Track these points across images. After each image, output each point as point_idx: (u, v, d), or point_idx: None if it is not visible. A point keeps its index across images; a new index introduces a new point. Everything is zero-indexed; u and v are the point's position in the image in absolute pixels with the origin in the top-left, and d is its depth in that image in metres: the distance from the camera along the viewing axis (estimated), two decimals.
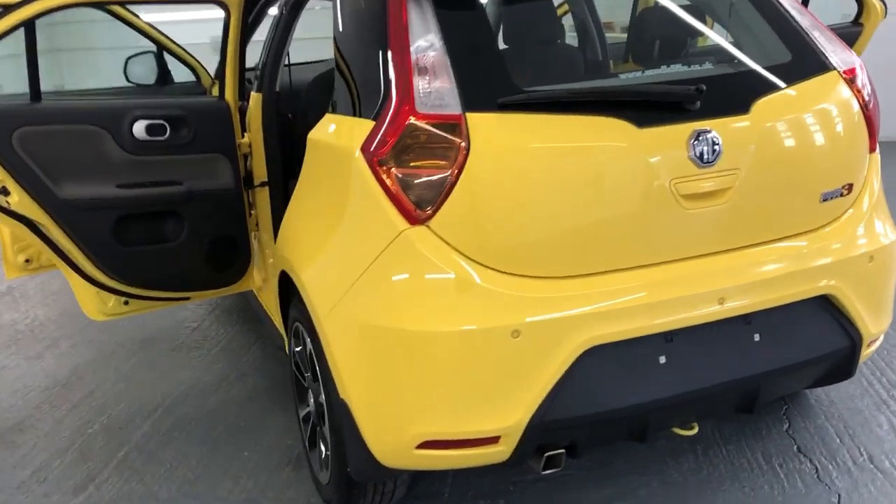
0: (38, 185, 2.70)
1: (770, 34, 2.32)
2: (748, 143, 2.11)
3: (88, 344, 3.91)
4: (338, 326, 2.10)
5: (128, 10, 3.76)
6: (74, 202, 2.76)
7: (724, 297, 2.10)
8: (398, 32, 2.06)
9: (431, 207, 1.95)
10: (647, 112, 2.04)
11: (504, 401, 1.98)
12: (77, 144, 2.76)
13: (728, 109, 2.11)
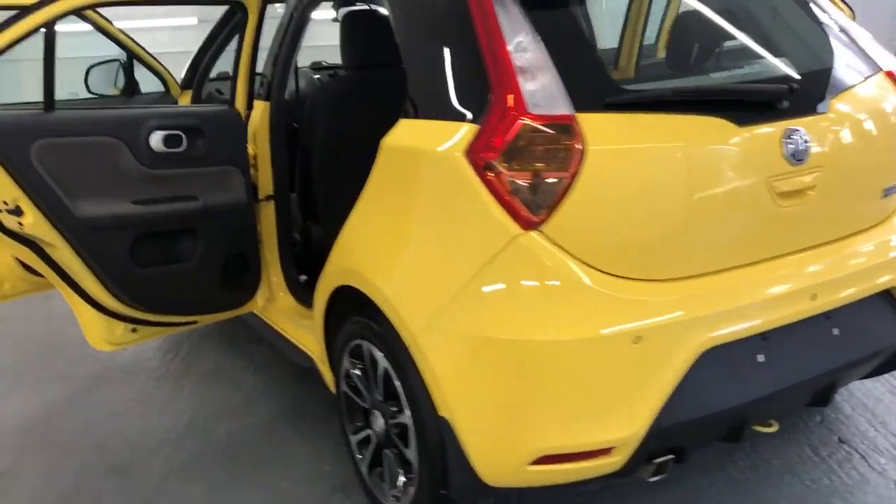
0: (56, 203, 2.43)
1: (825, 38, 2.38)
2: (829, 140, 2.16)
3: (59, 380, 3.56)
4: (438, 340, 1.98)
5: (100, 16, 3.49)
6: (92, 221, 2.51)
7: (816, 293, 2.12)
8: (490, 33, 1.97)
9: (545, 211, 1.87)
10: (742, 111, 2.04)
11: (624, 409, 1.93)
12: (94, 158, 2.51)
13: (811, 108, 2.14)
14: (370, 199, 2.28)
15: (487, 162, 1.88)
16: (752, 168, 2.03)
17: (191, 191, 2.73)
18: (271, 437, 3.00)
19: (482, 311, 1.92)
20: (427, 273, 2.03)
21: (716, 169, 2.00)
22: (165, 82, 3.84)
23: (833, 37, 2.39)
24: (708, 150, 2.00)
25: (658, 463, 2.06)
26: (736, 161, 2.02)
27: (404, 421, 2.19)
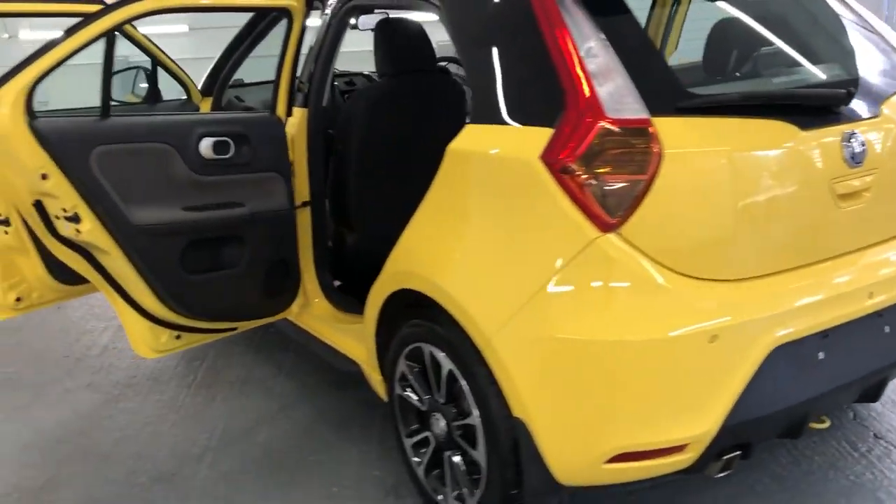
0: (113, 209, 2.42)
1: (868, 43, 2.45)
2: (883, 143, 2.22)
3: (85, 390, 3.52)
4: (514, 343, 2.01)
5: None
6: (146, 228, 2.50)
7: (873, 291, 2.18)
8: (560, 39, 2.01)
9: (623, 213, 1.91)
10: (803, 115, 2.10)
11: (698, 407, 1.97)
12: (147, 164, 2.51)
13: (865, 112, 2.21)
14: (435, 204, 2.30)
15: (565, 165, 1.92)
16: (815, 170, 2.09)
17: (237, 197, 2.74)
18: (313, 442, 3.00)
19: (560, 313, 1.95)
20: (500, 276, 2.06)
21: (782, 171, 2.06)
22: (187, 89, 3.82)
23: (874, 42, 2.46)
24: (775, 153, 2.06)
25: (726, 459, 2.10)
26: (801, 164, 2.08)
27: (472, 422, 2.21)
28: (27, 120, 2.27)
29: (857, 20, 2.53)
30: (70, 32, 2.33)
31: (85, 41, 2.33)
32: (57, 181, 2.33)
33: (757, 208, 2.02)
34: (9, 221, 3.13)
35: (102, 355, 3.87)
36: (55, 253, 2.60)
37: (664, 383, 1.94)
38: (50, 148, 2.29)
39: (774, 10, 2.51)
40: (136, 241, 2.49)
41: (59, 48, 2.30)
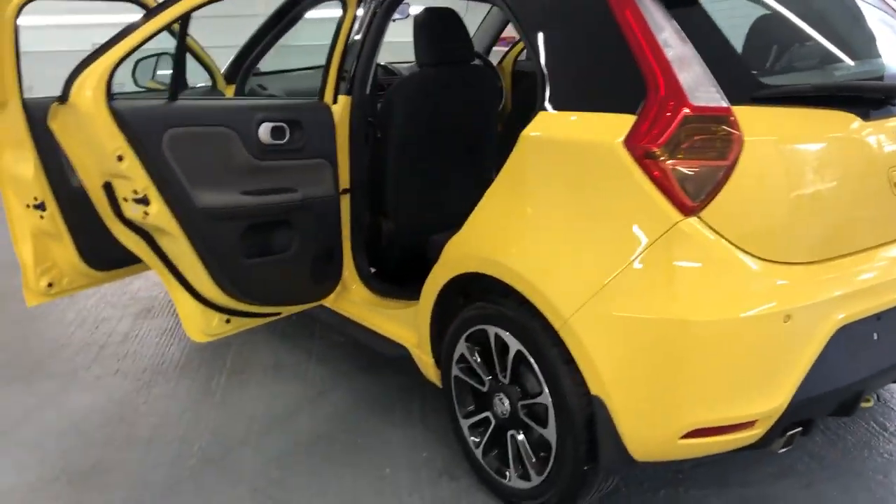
0: (181, 192, 2.44)
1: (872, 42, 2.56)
2: None
3: (116, 376, 3.51)
4: (593, 323, 2.07)
5: None
6: (211, 211, 2.51)
7: None
8: (638, 29, 2.08)
9: (704, 198, 1.98)
10: (863, 106, 2.20)
11: (769, 384, 2.05)
12: (212, 147, 2.52)
13: None
14: (507, 189, 2.34)
15: (648, 151, 1.98)
16: (876, 159, 2.19)
17: (291, 183, 2.76)
18: (356, 426, 3.03)
19: (641, 294, 2.02)
20: (579, 259, 2.12)
21: (848, 159, 2.15)
22: (213, 76, 3.81)
23: None
24: (842, 141, 2.15)
25: (789, 435, 2.19)
26: (864, 152, 2.17)
27: (542, 401, 2.27)
28: (107, 102, 2.27)
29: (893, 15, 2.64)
30: (148, 17, 2.34)
31: (162, 25, 2.34)
32: (131, 163, 2.33)
33: (825, 194, 2.11)
34: (44, 206, 3.12)
35: (125, 343, 3.85)
36: (116, 235, 2.60)
37: (741, 361, 2.02)
38: (127, 129, 2.30)
39: (824, 7, 2.60)
40: (199, 225, 2.50)
41: (138, 32, 2.31)
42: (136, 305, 4.30)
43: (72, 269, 3.33)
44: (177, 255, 2.60)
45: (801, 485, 2.61)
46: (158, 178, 2.38)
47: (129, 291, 4.48)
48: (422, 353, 2.79)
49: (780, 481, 2.63)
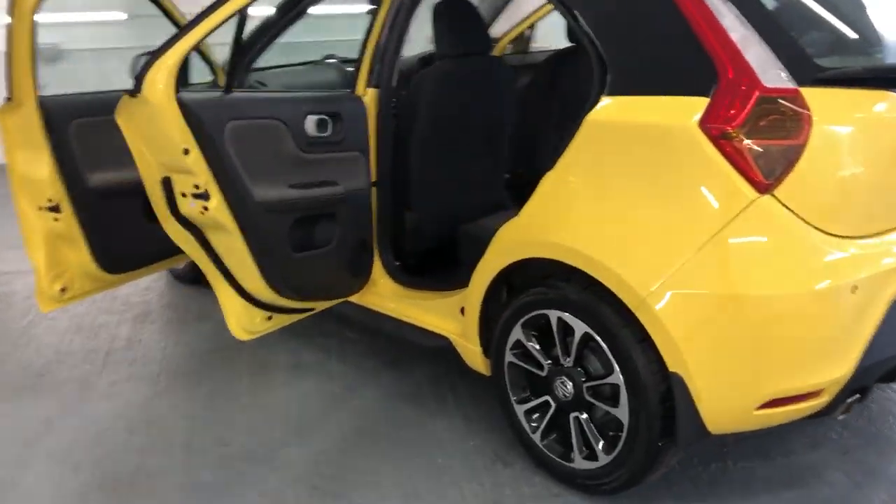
0: (241, 186, 2.41)
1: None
2: None
3: (131, 381, 3.40)
4: (673, 301, 2.13)
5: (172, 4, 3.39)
6: (266, 204, 2.48)
7: None
8: (703, 14, 2.15)
9: (778, 176, 2.07)
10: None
11: (838, 353, 2.16)
12: (266, 140, 2.50)
13: None
14: (571, 174, 2.38)
15: (724, 131, 2.06)
16: None
17: (333, 176, 2.75)
18: (396, 419, 3.02)
19: (722, 271, 2.09)
20: (655, 238, 2.18)
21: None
22: (215, 72, 3.74)
23: None
24: (894, 121, 2.26)
25: (848, 402, 2.30)
26: None
27: (613, 381, 2.32)
28: (176, 95, 2.22)
29: None
30: (208, 12, 2.30)
31: (222, 19, 2.31)
32: (196, 156, 2.29)
33: (881, 170, 2.23)
34: (59, 208, 3.04)
35: (130, 348, 3.74)
36: (168, 231, 2.54)
37: (814, 332, 2.12)
38: (193, 122, 2.25)
39: None
40: (255, 219, 2.47)
41: (200, 26, 2.27)
42: (132, 311, 4.18)
43: (83, 273, 3.24)
44: (228, 250, 2.55)
45: (839, 452, 2.73)
46: (220, 171, 2.34)
47: (120, 297, 4.35)
48: (468, 342, 2.80)
49: (817, 450, 2.75)
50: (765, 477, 2.61)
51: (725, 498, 2.52)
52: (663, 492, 2.53)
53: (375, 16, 2.91)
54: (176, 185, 2.37)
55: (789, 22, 2.43)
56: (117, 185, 3.18)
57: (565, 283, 2.41)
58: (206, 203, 2.36)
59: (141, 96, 2.24)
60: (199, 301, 4.26)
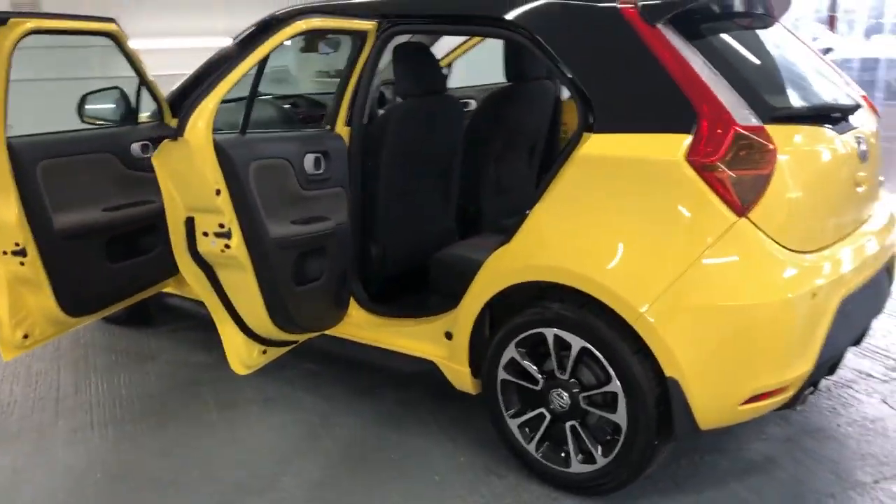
0: (259, 224, 2.48)
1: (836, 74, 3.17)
2: (868, 144, 2.92)
3: (92, 427, 3.32)
4: (666, 313, 2.41)
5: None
6: (278, 241, 2.57)
7: (876, 259, 2.86)
8: (677, 60, 2.47)
9: (751, 201, 2.40)
10: (834, 123, 2.74)
11: (801, 352, 2.51)
12: (276, 179, 2.59)
13: (857, 122, 2.90)
14: (563, 204, 2.62)
15: (707, 164, 2.37)
16: (849, 163, 2.74)
17: (324, 211, 2.86)
18: (382, 443, 3.13)
19: (709, 284, 2.39)
20: (649, 259, 2.45)
21: (836, 164, 2.68)
22: (161, 107, 3.73)
23: (837, 73, 3.19)
24: (831, 150, 2.67)
25: (806, 394, 2.66)
26: (844, 159, 2.71)
27: (611, 390, 2.56)
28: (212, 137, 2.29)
29: (825, 61, 3.24)
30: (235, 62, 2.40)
31: (248, 68, 2.41)
32: (225, 196, 2.35)
33: (828, 192, 2.63)
34: (25, 252, 2.98)
35: (80, 394, 3.63)
36: (181, 268, 2.57)
37: (785, 334, 2.46)
38: (225, 163, 2.32)
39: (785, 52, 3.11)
40: (269, 255, 2.55)
41: (231, 74, 2.38)
42: (67, 356, 4.03)
43: (44, 318, 3.18)
44: (237, 287, 2.60)
45: (783, 440, 3.11)
46: (243, 210, 2.42)
47: (49, 343, 4.16)
48: (457, 364, 2.97)
49: (765, 442, 3.11)
50: (728, 468, 2.93)
51: (701, 489, 2.81)
52: (648, 488, 2.79)
53: (355, 61, 3.05)
54: (198, 224, 2.42)
55: (742, 68, 2.78)
56: (81, 226, 3.14)
57: (560, 303, 2.64)
58: (227, 241, 2.42)
59: (182, 139, 2.29)
60: (136, 342, 4.18)
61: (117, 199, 3.32)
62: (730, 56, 2.71)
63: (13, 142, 2.87)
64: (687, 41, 2.56)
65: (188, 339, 4.19)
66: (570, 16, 2.73)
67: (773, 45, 3.02)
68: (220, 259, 2.50)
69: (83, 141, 3.23)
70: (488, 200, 3.92)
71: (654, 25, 2.56)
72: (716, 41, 2.71)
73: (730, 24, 2.88)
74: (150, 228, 3.47)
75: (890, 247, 3.02)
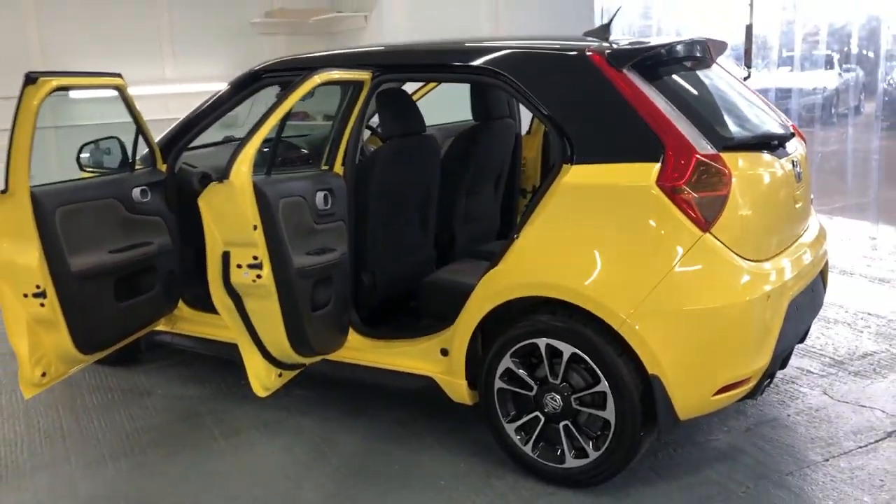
0: (286, 256, 2.75)
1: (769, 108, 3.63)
2: (801, 167, 3.38)
3: (109, 459, 3.47)
4: (648, 318, 2.77)
5: None
6: (299, 271, 2.83)
7: (814, 265, 3.30)
8: (643, 101, 2.87)
9: (714, 218, 2.80)
10: (773, 150, 3.18)
11: (760, 347, 2.90)
12: (297, 215, 2.86)
13: (790, 150, 3.35)
14: (549, 228, 2.97)
15: (675, 187, 2.76)
16: (789, 183, 3.17)
17: (330, 243, 3.14)
18: (385, 457, 3.38)
19: (682, 291, 2.78)
20: (628, 271, 2.82)
21: (778, 184, 3.11)
22: (154, 152, 3.93)
23: (768, 105, 3.66)
24: (773, 173, 3.10)
25: (764, 385, 3.05)
26: (785, 180, 3.14)
27: (600, 390, 2.90)
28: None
29: (757, 96, 3.71)
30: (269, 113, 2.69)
31: (281, 117, 2.69)
32: (259, 231, 2.61)
33: (774, 208, 3.05)
34: (45, 293, 3.17)
35: (83, 430, 3.75)
36: (215, 298, 2.81)
37: (746, 332, 2.85)
38: (261, 201, 2.58)
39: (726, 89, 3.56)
40: (292, 283, 2.82)
41: (266, 124, 2.66)
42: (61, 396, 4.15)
43: (60, 356, 3.35)
44: (261, 315, 2.86)
45: (744, 431, 3.50)
46: (274, 243, 2.68)
47: None
48: (455, 377, 3.27)
49: (728, 433, 3.49)
50: (700, 457, 3.30)
51: (678, 476, 3.17)
52: (632, 479, 3.12)
53: (353, 106, 3.36)
54: (233, 257, 2.67)
55: (695, 104, 3.20)
56: (93, 268, 3.34)
57: (550, 315, 2.98)
58: (259, 271, 2.69)
59: (228, 181, 2.56)
60: (128, 380, 4.32)
61: (121, 241, 3.52)
62: (684, 94, 3.14)
63: (34, 190, 3.07)
64: (648, 82, 2.97)
65: (179, 374, 4.36)
66: (546, 63, 3.11)
67: (715, 82, 3.47)
68: (250, 289, 2.75)
69: (90, 187, 3.44)
70: (460, 228, 4.26)
71: (620, 70, 2.95)
72: (671, 81, 3.14)
73: (680, 67, 3.31)
74: (149, 269, 3.69)
75: (823, 255, 3.47)
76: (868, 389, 3.88)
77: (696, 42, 3.38)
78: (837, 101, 9.54)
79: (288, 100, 2.85)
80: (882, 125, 7.15)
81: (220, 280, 2.74)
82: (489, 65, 3.19)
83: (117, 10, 8.15)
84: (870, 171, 7.29)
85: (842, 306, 5.09)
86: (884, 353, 4.35)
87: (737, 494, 3.03)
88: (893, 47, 7.00)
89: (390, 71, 3.45)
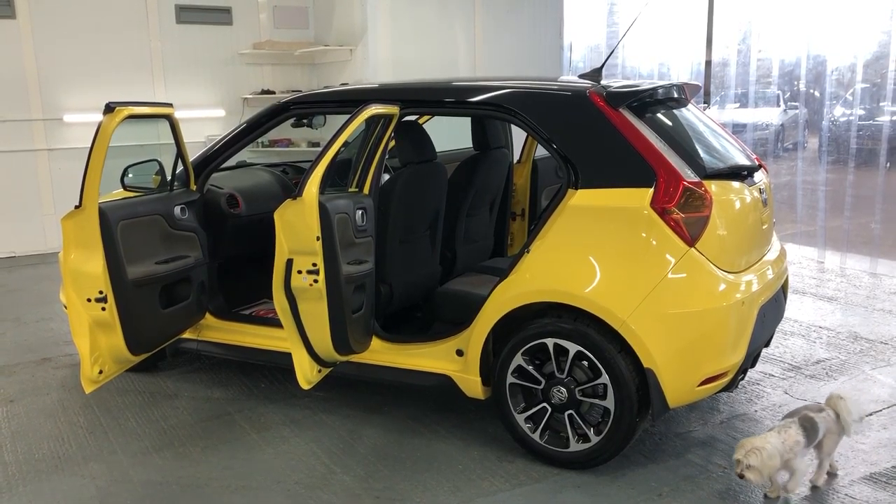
0: (337, 264, 3.17)
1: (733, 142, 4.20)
2: (766, 194, 3.94)
3: (159, 450, 3.83)
4: (643, 319, 3.26)
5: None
6: (346, 277, 3.26)
7: (779, 277, 3.85)
8: (637, 137, 3.39)
9: (698, 235, 3.32)
10: (742, 179, 3.72)
11: (736, 345, 3.42)
12: (344, 229, 3.30)
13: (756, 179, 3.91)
14: (556, 243, 3.45)
15: (666, 209, 3.27)
16: (757, 207, 3.72)
17: (364, 255, 3.58)
18: (406, 447, 3.80)
19: (672, 296, 3.28)
20: (627, 280, 3.31)
21: (748, 208, 3.65)
22: (189, 173, 4.32)
23: (736, 139, 4.23)
24: (745, 199, 3.64)
25: (738, 379, 3.57)
26: (751, 203, 3.69)
27: (601, 382, 3.38)
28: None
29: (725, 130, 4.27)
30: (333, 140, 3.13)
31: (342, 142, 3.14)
32: (320, 242, 3.04)
33: (745, 228, 3.58)
34: (106, 298, 3.55)
35: (122, 427, 4.09)
36: (276, 300, 3.21)
37: (725, 330, 3.36)
38: (323, 217, 3.02)
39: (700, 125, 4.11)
40: (340, 287, 3.24)
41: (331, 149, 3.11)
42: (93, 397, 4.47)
43: (113, 356, 3.72)
44: (311, 316, 3.28)
45: (719, 423, 4.01)
46: (330, 252, 3.11)
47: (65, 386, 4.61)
48: (470, 375, 3.71)
49: (705, 425, 4.00)
50: (682, 444, 3.80)
51: (665, 460, 3.65)
52: (626, 462, 3.60)
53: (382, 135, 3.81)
54: (295, 264, 3.09)
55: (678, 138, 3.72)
56: (146, 276, 3.72)
57: (557, 318, 3.45)
58: (316, 277, 3.11)
59: (300, 198, 3.00)
60: (153, 384, 4.66)
61: (164, 253, 3.92)
62: (668, 129, 3.67)
63: (101, 205, 3.46)
64: (640, 119, 3.49)
65: (202, 379, 4.72)
66: (553, 101, 3.62)
67: (690, 119, 4.02)
68: (306, 293, 3.17)
69: (141, 204, 3.83)
70: (461, 246, 4.73)
71: (616, 109, 3.47)
72: (657, 118, 3.67)
73: (663, 106, 3.85)
74: (186, 280, 4.08)
75: (784, 271, 4.02)
76: (821, 389, 4.43)
77: (675, 85, 3.94)
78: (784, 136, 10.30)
79: (347, 130, 3.29)
80: (828, 159, 7.86)
81: (283, 284, 3.16)
82: (502, 102, 3.69)
83: (112, 37, 8.53)
84: (817, 202, 7.97)
85: (797, 321, 5.68)
86: (834, 359, 4.93)
87: (715, 474, 3.53)
88: (837, 89, 7.73)
89: (412, 105, 3.93)
